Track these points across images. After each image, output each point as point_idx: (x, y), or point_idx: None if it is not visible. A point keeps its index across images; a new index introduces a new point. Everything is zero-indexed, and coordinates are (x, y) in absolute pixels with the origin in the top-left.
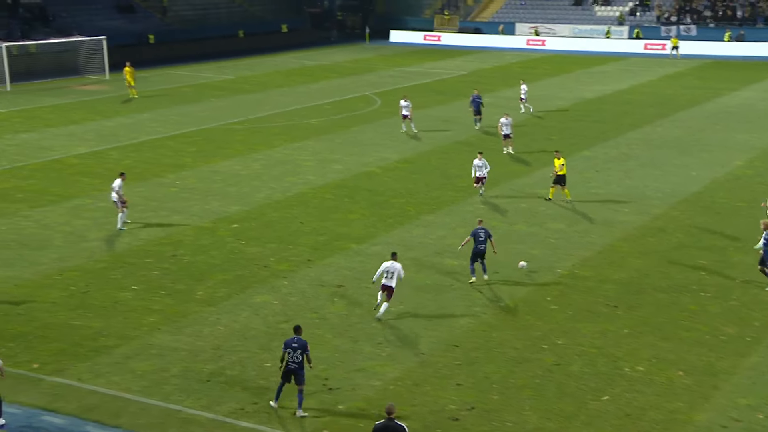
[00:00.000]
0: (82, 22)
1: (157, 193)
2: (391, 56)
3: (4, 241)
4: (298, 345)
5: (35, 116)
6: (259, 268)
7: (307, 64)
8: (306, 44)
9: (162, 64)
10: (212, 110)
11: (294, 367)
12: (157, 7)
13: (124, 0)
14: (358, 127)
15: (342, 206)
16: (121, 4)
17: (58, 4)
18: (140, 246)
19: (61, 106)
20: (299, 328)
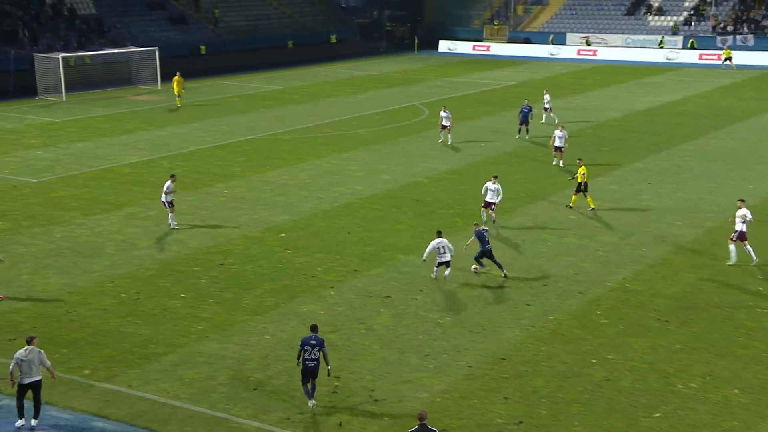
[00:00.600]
0: (136, 34)
1: (207, 202)
2: (440, 66)
3: (59, 249)
4: (316, 342)
5: (89, 126)
6: (306, 277)
7: (356, 75)
8: (355, 55)
9: (213, 75)
10: (261, 120)
11: (313, 365)
12: (209, 18)
13: (177, 11)
14: (406, 137)
15: (389, 217)
16: (174, 15)
17: (114, 15)
18: (189, 254)
19: (114, 115)
20: (316, 326)
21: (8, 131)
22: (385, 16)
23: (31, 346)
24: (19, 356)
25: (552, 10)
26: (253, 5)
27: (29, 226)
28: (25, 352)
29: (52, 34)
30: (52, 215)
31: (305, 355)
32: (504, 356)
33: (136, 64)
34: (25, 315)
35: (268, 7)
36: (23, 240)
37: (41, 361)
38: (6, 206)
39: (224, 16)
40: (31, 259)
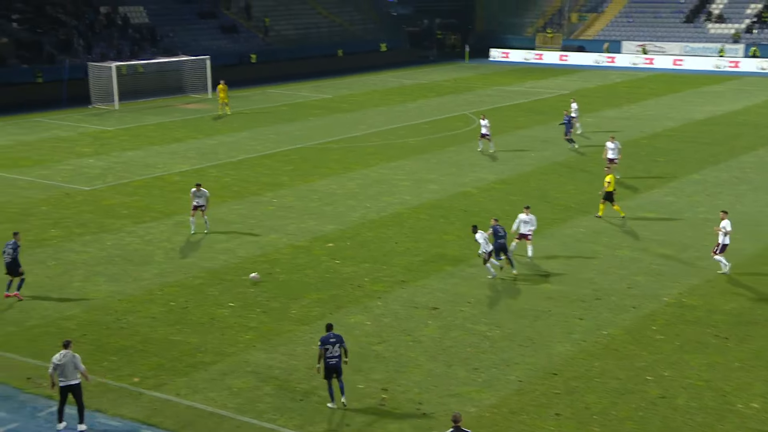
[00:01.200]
0: (188, 42)
1: (255, 211)
2: (491, 75)
3: (110, 257)
4: (336, 339)
5: (140, 134)
6: (353, 287)
7: (405, 83)
8: (404, 63)
9: (262, 83)
10: (309, 129)
11: (335, 363)
12: (259, 27)
13: (228, 20)
14: (455, 146)
15: (437, 227)
16: (225, 24)
17: (166, 24)
18: (237, 263)
19: (165, 124)
20: (332, 325)
21: (62, 139)
22: (436, 25)
23: (66, 350)
24: (55, 360)
25: (607, 17)
26: (303, 14)
27: (81, 234)
28: (60, 357)
29: (106, 43)
30: (104, 223)
31: (326, 354)
32: (555, 371)
33: (187, 72)
34: (76, 322)
35: (317, 16)
36: (75, 247)
37: (75, 365)
38: (59, 214)
39: (274, 24)
40: (82, 266)
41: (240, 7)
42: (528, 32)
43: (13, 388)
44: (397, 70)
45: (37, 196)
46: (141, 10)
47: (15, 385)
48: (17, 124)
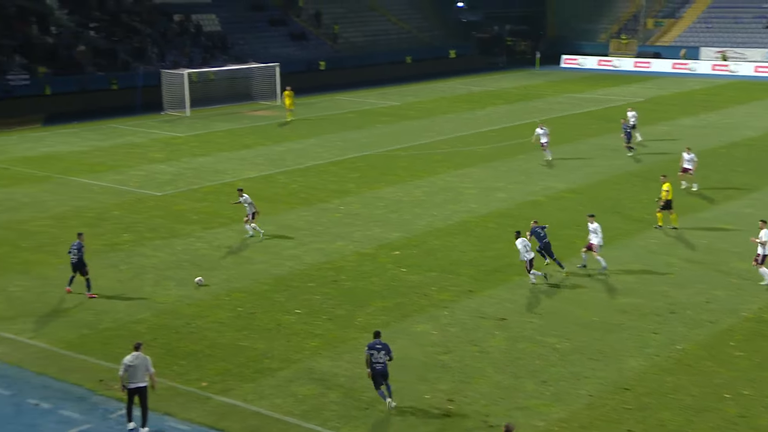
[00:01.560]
0: (258, 50)
1: (322, 218)
2: (561, 82)
3: (179, 261)
4: (382, 346)
5: (210, 140)
6: (418, 296)
7: (474, 90)
8: (473, 70)
9: (330, 90)
10: (376, 136)
11: (381, 368)
12: (328, 35)
13: (297, 28)
14: (524, 154)
15: (505, 236)
16: (294, 32)
17: (237, 32)
18: (303, 270)
19: (234, 130)
20: (379, 332)
21: (135, 145)
22: (506, 31)
23: (138, 352)
24: (126, 362)
25: (685, 23)
26: (372, 21)
27: (152, 239)
28: (132, 358)
29: (179, 50)
30: (174, 228)
31: (372, 359)
32: (627, 386)
33: (256, 79)
34: (146, 326)
35: (386, 23)
36: (146, 252)
37: (147, 367)
38: (131, 219)
39: (343, 32)
40: (152, 270)
41: (310, 15)
42: (601, 38)
43: (86, 390)
44: (466, 77)
45: (111, 201)
46: (213, 18)
47: (88, 386)
48: (94, 130)
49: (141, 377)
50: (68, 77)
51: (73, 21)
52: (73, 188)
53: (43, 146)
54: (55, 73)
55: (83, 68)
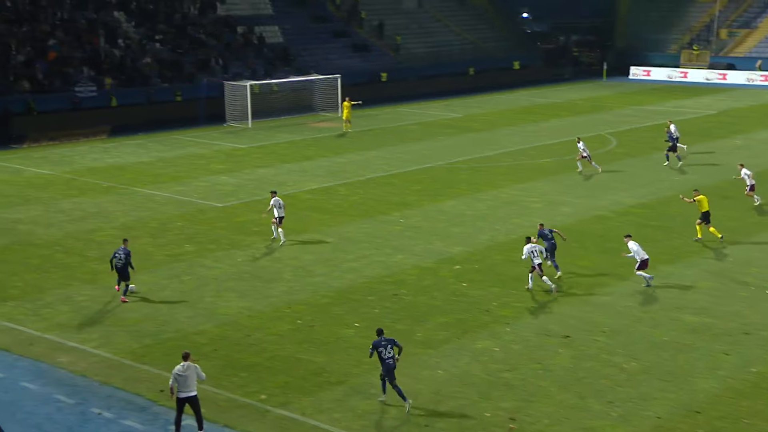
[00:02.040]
0: (320, 61)
1: (382, 230)
2: (630, 94)
3: (240, 273)
4: (388, 341)
5: (272, 152)
6: (480, 312)
7: (538, 102)
8: (538, 81)
9: (392, 102)
10: (438, 148)
11: (393, 362)
12: (390, 46)
13: (360, 39)
14: (589, 167)
15: (570, 251)
16: (357, 43)
17: (300, 44)
18: (363, 283)
19: (295, 142)
20: (381, 330)
21: (198, 156)
22: (572, 42)
23: (187, 362)
24: (176, 372)
25: (761, 33)
26: (435, 32)
27: (213, 250)
28: (182, 368)
29: (242, 62)
30: (235, 239)
31: (382, 356)
32: (698, 409)
33: (318, 91)
34: (207, 337)
35: (449, 34)
36: (207, 263)
37: (198, 375)
38: (193, 230)
39: (406, 43)
40: (214, 281)
41: (372, 26)
42: (672, 49)
43: (147, 400)
44: (530, 89)
45: (174, 212)
46: (276, 30)
47: (149, 397)
48: (158, 141)
49: (192, 386)
50: (134, 89)
51: (140, 33)
52: (138, 198)
53: (109, 157)
54: (121, 84)
55: (149, 80)
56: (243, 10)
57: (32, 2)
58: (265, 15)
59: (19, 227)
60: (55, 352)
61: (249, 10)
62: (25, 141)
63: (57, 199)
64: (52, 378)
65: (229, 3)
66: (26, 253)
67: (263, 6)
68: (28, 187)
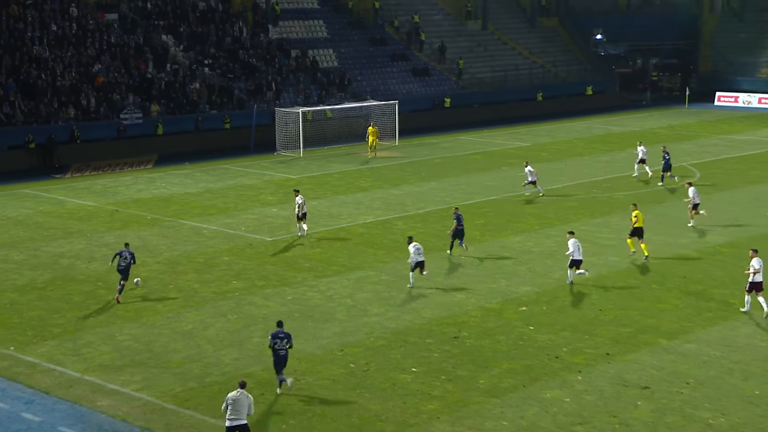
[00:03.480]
0: (377, 86)
1: (442, 268)
2: (715, 122)
3: (290, 312)
4: (285, 335)
5: (325, 182)
6: (550, 358)
7: (614, 131)
8: (613, 108)
9: (454, 130)
10: (504, 180)
11: (284, 354)
12: (452, 70)
13: (420, 63)
14: (670, 202)
15: (649, 293)
16: (417, 67)
17: (355, 68)
18: (422, 324)
19: (349, 172)
20: (282, 322)
21: (248, 187)
22: (651, 65)
23: (242, 390)
24: (230, 397)
25: None
26: (500, 55)
27: (262, 287)
28: (236, 394)
29: (294, 87)
30: (285, 276)
31: (275, 346)
32: None
33: (374, 118)
34: (254, 380)
35: (517, 57)
36: (256, 300)
37: (249, 407)
38: (241, 265)
39: (469, 67)
40: (262, 321)
41: (433, 49)
42: (762, 73)
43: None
44: (605, 116)
45: (221, 246)
46: (330, 54)
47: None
48: (206, 170)
49: (242, 414)
50: (182, 116)
51: (189, 58)
52: (183, 232)
53: (154, 187)
54: (168, 111)
55: (197, 106)
56: (297, 33)
57: (79, 26)
58: (320, 38)
59: (61, 261)
60: (95, 395)
61: (303, 33)
62: (69, 171)
63: (100, 232)
64: (91, 423)
65: (282, 26)
66: (68, 289)
67: (318, 28)
68: (70, 219)
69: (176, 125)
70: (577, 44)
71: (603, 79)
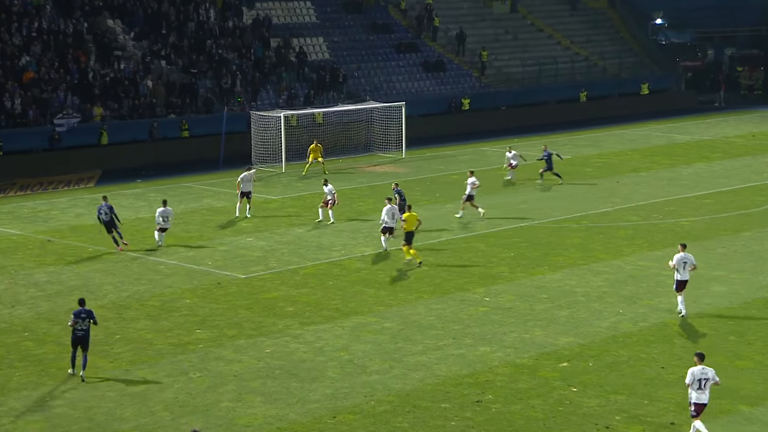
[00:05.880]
0: (379, 84)
1: (461, 312)
2: None
3: (270, 368)
4: (86, 315)
5: (313, 205)
6: (599, 428)
7: (678, 140)
8: (677, 111)
9: (475, 138)
10: (539, 201)
11: (83, 334)
12: (474, 63)
13: (432, 54)
14: (752, 231)
15: (725, 346)
16: (429, 60)
17: (352, 61)
18: (435, 385)
19: (345, 192)
20: (83, 300)
21: (216, 211)
22: (726, 57)
23: None
24: None
25: None
26: (534, 45)
27: (233, 337)
28: None
29: (275, 86)
30: (262, 323)
31: (76, 327)
32: None
33: (376, 124)
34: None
35: (555, 47)
36: (226, 354)
37: None
38: (208, 309)
39: (495, 59)
40: (233, 380)
41: (450, 38)
42: None
43: None
44: (666, 122)
45: (182, 286)
46: (320, 43)
47: None
48: (164, 190)
49: None
50: (133, 121)
51: (141, 48)
52: (134, 268)
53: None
54: (115, 116)
55: (152, 110)
56: (278, 17)
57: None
58: (308, 23)
59: None
60: None
61: (286, 18)
62: None
63: (27, 269)
64: None
65: (260, 8)
66: None
67: (305, 11)
68: None
69: (125, 133)
70: (631, 31)
71: (664, 75)
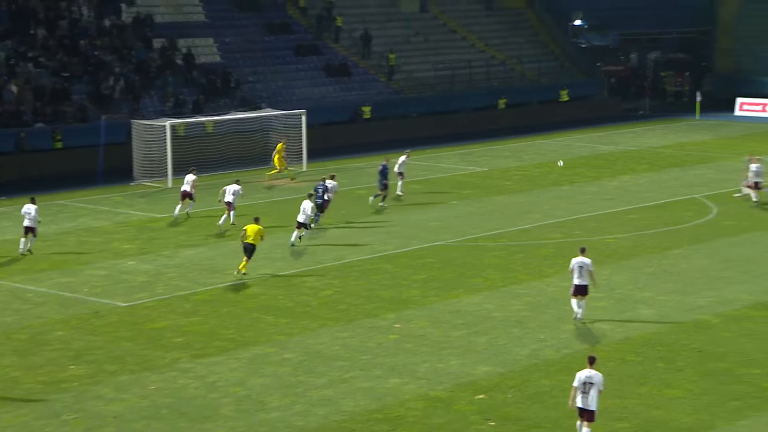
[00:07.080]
0: (276, 90)
1: (369, 341)
2: (739, 138)
3: (155, 407)
4: None
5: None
6: None
7: (601, 151)
8: (600, 120)
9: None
10: (453, 218)
11: None
12: (381, 67)
13: (336, 58)
14: (682, 248)
15: (653, 374)
16: (331, 63)
17: (246, 65)
18: (341, 421)
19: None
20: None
21: (94, 231)
22: (650, 62)
23: None
24: None
25: None
26: (447, 47)
27: (114, 373)
28: None
29: (159, 91)
30: (147, 356)
31: None
32: None
33: (273, 133)
34: None
35: (470, 50)
36: (105, 393)
37: None
38: (84, 342)
39: (404, 63)
40: (113, 422)
41: (354, 39)
42: None
43: None
44: (589, 131)
45: (54, 316)
46: (210, 45)
47: None
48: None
49: None
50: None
51: (5, 48)
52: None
53: None
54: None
55: (18, 118)
56: (162, 16)
57: None
58: (196, 23)
59: None
60: None
61: (172, 16)
62: None
63: None
64: None
65: (141, 5)
66: None
67: (192, 9)
68: None
69: None
70: (550, 33)
71: (585, 81)
